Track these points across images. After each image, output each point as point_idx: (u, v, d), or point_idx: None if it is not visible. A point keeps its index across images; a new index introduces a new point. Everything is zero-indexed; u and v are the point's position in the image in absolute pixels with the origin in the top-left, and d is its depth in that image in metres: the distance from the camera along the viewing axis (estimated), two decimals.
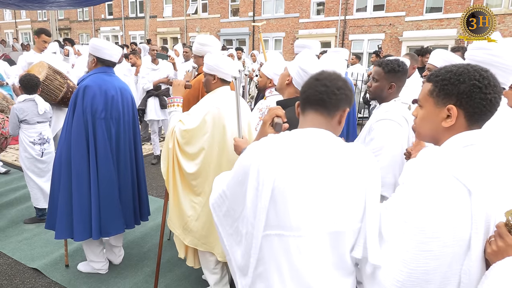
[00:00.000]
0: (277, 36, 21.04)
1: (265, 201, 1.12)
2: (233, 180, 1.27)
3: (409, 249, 1.08)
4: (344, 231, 1.18)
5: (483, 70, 1.15)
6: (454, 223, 1.05)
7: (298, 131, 1.25)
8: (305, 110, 1.32)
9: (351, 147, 1.25)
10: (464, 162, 1.10)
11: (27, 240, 3.56)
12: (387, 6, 17.49)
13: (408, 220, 1.10)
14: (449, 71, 1.19)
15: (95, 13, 29.35)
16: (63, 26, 30.12)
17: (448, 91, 1.17)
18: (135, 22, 26.96)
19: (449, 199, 1.06)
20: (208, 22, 23.65)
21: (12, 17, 34.56)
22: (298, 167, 1.14)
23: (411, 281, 1.08)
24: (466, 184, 1.05)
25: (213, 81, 2.50)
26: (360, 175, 1.19)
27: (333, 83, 1.26)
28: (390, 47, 17.42)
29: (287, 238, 1.14)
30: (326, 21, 19.35)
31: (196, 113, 2.45)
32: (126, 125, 2.92)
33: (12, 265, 3.19)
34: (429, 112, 1.23)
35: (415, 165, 1.21)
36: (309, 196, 1.14)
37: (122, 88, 2.89)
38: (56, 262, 3.20)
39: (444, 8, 16.10)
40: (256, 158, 1.16)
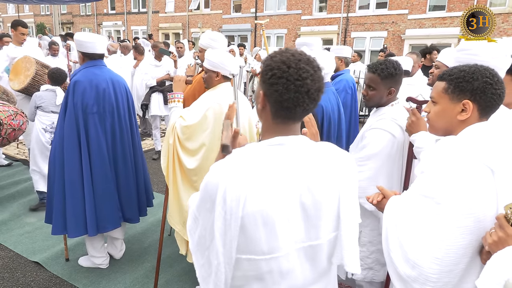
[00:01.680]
0: (279, 33, 20.99)
1: (234, 231, 1.01)
2: (201, 205, 1.11)
3: (445, 227, 1.18)
4: (319, 244, 1.12)
5: (491, 69, 1.32)
6: (483, 200, 1.18)
7: (267, 144, 1.10)
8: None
9: (324, 150, 1.15)
10: (485, 146, 1.23)
11: (28, 234, 3.59)
12: (390, 4, 17.42)
13: (442, 201, 1.20)
14: (462, 70, 1.34)
15: (97, 8, 29.32)
16: (65, 21, 30.10)
17: (463, 87, 1.32)
18: (137, 17, 26.93)
19: (476, 179, 1.19)
20: (210, 18, 23.60)
21: (15, 11, 34.53)
22: (268, 188, 1.02)
23: (449, 256, 1.18)
24: (489, 165, 1.19)
25: (216, 78, 2.50)
26: (334, 181, 1.12)
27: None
28: (392, 45, 17.37)
29: (259, 261, 1.05)
30: (328, 18, 19.29)
31: (197, 109, 2.46)
32: (121, 118, 2.88)
33: (14, 258, 3.22)
34: (444, 108, 1.37)
35: (434, 155, 1.32)
36: (282, 217, 1.04)
37: (115, 80, 2.84)
38: (57, 256, 3.23)
39: (448, 6, 16.03)
40: (221, 185, 1.01)
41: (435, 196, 1.23)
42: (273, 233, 1.03)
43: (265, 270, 1.07)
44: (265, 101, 1.09)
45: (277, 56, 1.06)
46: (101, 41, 2.78)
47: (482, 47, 1.71)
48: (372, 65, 2.18)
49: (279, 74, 1.03)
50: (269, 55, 1.10)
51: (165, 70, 6.10)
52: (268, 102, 1.09)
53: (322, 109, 2.59)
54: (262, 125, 1.18)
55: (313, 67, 1.06)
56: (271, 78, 1.05)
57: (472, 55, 1.70)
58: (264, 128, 1.16)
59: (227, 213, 1.00)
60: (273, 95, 1.06)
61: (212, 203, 1.04)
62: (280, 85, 1.03)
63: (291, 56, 1.05)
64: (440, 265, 1.19)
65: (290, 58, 1.04)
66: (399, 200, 1.41)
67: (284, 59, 1.04)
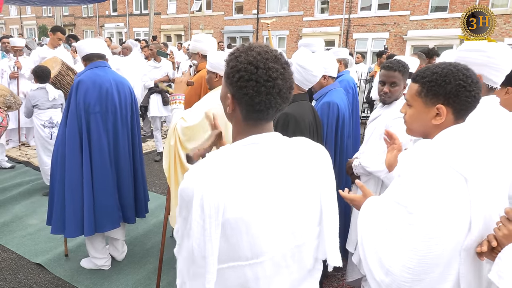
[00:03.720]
0: (281, 34, 21.01)
1: (215, 239, 0.93)
2: (179, 214, 1.04)
3: (418, 237, 1.15)
4: (305, 242, 1.09)
5: (465, 69, 1.26)
6: (456, 209, 1.14)
7: (241, 144, 1.05)
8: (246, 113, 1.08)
9: (299, 146, 1.11)
10: (458, 152, 1.19)
11: (30, 235, 3.59)
12: (392, 5, 17.42)
13: (414, 211, 1.16)
14: (434, 72, 1.28)
15: (99, 10, 29.41)
16: (67, 23, 30.19)
17: (436, 91, 1.27)
18: (139, 19, 27.00)
19: (448, 188, 1.15)
20: (212, 20, 23.64)
21: (17, 13, 34.70)
22: (248, 190, 0.97)
23: (421, 266, 1.15)
24: (462, 172, 1.15)
25: (215, 79, 2.54)
26: (314, 176, 1.09)
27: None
28: (394, 46, 17.35)
29: (243, 267, 0.99)
30: (330, 20, 19.30)
31: (198, 110, 2.46)
32: (123, 119, 2.90)
33: (16, 260, 3.21)
34: (418, 111, 1.33)
35: (410, 158, 1.29)
36: (265, 219, 0.98)
37: (118, 81, 2.87)
38: (60, 258, 3.23)
39: (449, 7, 16.02)
40: (197, 191, 0.93)
41: (407, 205, 1.19)
42: (255, 236, 0.97)
43: (250, 278, 1.00)
44: (234, 104, 1.04)
45: (242, 56, 0.99)
46: (92, 41, 2.83)
47: (498, 49, 1.69)
48: (391, 64, 2.36)
49: (247, 76, 0.97)
50: (233, 55, 1.02)
51: (164, 72, 6.13)
52: (238, 105, 1.04)
53: (337, 107, 2.60)
54: (232, 128, 1.12)
55: (281, 64, 1.00)
56: (239, 81, 0.98)
57: (488, 57, 1.67)
58: (235, 131, 1.10)
59: (206, 221, 0.92)
60: (243, 99, 1.00)
61: (188, 211, 0.97)
62: (250, 88, 0.97)
63: (257, 55, 0.98)
64: (412, 274, 1.16)
65: (257, 58, 0.97)
66: (375, 203, 1.37)
67: (251, 59, 0.97)
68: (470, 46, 1.73)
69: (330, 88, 2.76)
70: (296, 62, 2.23)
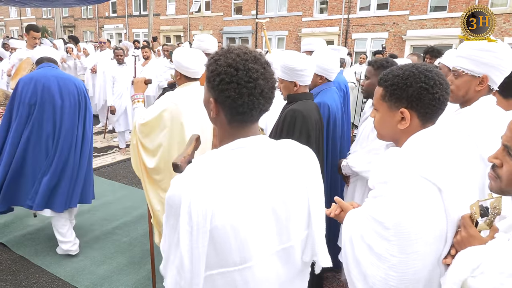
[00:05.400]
0: (280, 35, 21.02)
1: (202, 246, 0.92)
2: (166, 222, 1.03)
3: (395, 254, 1.11)
4: (291, 246, 1.08)
5: (428, 71, 1.21)
6: (431, 222, 1.11)
7: (227, 148, 1.04)
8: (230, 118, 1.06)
9: (285, 148, 1.11)
10: (430, 162, 1.14)
11: (31, 235, 3.60)
12: (391, 5, 17.43)
13: (390, 227, 1.12)
14: (396, 75, 1.24)
15: (99, 11, 29.43)
16: (67, 24, 30.22)
17: (398, 95, 1.23)
18: (138, 20, 27.02)
19: (423, 200, 1.10)
20: (211, 20, 23.66)
21: (17, 14, 34.72)
22: (235, 195, 0.96)
23: (403, 283, 1.11)
24: (435, 182, 1.11)
25: (177, 78, 2.54)
26: (300, 179, 1.08)
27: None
28: (393, 46, 17.36)
29: (232, 273, 0.99)
30: (329, 20, 19.31)
31: (155, 108, 2.48)
32: (66, 110, 3.20)
33: (16, 260, 3.22)
34: (384, 116, 1.30)
35: (382, 168, 1.23)
36: (253, 224, 0.98)
37: (60, 78, 3.20)
38: (60, 258, 3.24)
39: (449, 7, 16.03)
40: (185, 198, 0.93)
41: (383, 221, 1.13)
42: (244, 241, 0.97)
43: (239, 283, 1.00)
44: (217, 108, 1.03)
45: (221, 59, 0.99)
46: (42, 49, 3.37)
47: (506, 50, 1.68)
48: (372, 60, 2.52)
49: (228, 79, 0.96)
50: (212, 58, 1.02)
51: None
52: (221, 109, 1.03)
53: (328, 108, 2.59)
54: (218, 132, 1.11)
55: (261, 64, 1.00)
56: (220, 84, 0.97)
57: (497, 58, 1.67)
58: (221, 134, 1.09)
59: (194, 228, 0.91)
60: (226, 102, 1.00)
61: (176, 219, 0.95)
62: (231, 91, 0.97)
63: (236, 57, 0.98)
64: None
65: (236, 60, 0.97)
66: (355, 217, 1.30)
67: (230, 62, 0.97)
68: (481, 45, 1.70)
69: (323, 88, 2.75)
70: (284, 63, 2.30)
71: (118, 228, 3.81)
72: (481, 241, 1.06)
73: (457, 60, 1.79)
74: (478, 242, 1.06)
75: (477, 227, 1.10)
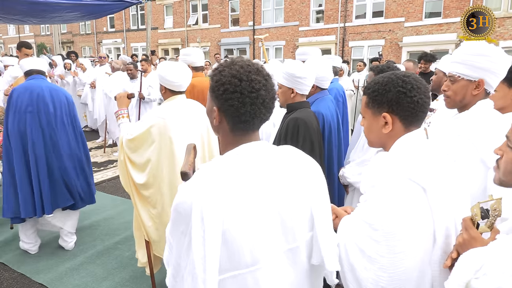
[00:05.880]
0: (277, 45, 21.18)
1: (216, 248, 0.95)
2: (174, 229, 1.04)
3: (384, 254, 1.14)
4: (297, 246, 1.11)
5: (405, 76, 1.28)
6: (418, 221, 1.14)
7: (232, 154, 1.09)
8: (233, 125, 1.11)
9: (288, 154, 1.16)
10: (414, 163, 1.19)
11: (32, 253, 3.56)
12: (386, 12, 17.60)
13: (378, 228, 1.16)
14: (377, 82, 1.32)
15: (97, 26, 29.71)
16: (66, 40, 30.48)
17: (379, 101, 1.30)
18: (136, 34, 27.26)
19: (409, 200, 1.15)
20: (209, 33, 23.86)
21: (15, 31, 35.04)
22: (244, 199, 1.00)
23: (393, 283, 1.15)
24: (420, 183, 1.15)
25: (162, 92, 2.55)
26: (303, 183, 1.13)
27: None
28: (390, 52, 17.48)
29: (244, 275, 1.01)
30: (325, 29, 19.48)
31: (142, 123, 2.48)
32: (59, 119, 3.41)
33: (18, 279, 3.19)
34: (370, 122, 1.37)
35: (371, 173, 1.29)
36: (261, 226, 1.02)
37: (52, 89, 3.41)
38: (61, 276, 3.20)
39: (443, 13, 16.18)
40: (197, 202, 0.95)
41: (372, 223, 1.18)
42: (254, 243, 1.00)
43: (251, 285, 1.02)
44: (220, 117, 1.08)
45: (225, 70, 1.05)
46: (32, 60, 3.47)
47: (500, 54, 1.69)
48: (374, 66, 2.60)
49: (231, 88, 1.02)
50: (217, 70, 1.08)
51: None
52: (224, 117, 1.08)
53: (322, 117, 2.59)
54: (221, 140, 1.16)
55: (263, 76, 1.06)
56: (224, 93, 1.03)
57: (492, 62, 1.68)
58: (224, 142, 1.14)
59: (206, 232, 0.94)
60: (229, 110, 1.05)
61: (187, 225, 0.97)
62: (235, 100, 1.02)
63: (240, 68, 1.04)
64: None
65: (240, 71, 1.03)
66: (348, 223, 1.33)
67: (234, 73, 1.03)
68: (475, 50, 1.72)
69: (317, 97, 2.75)
70: (286, 70, 2.34)
71: (120, 243, 3.78)
72: (483, 243, 1.06)
73: (453, 66, 1.80)
74: (480, 244, 1.06)
75: (478, 229, 1.10)
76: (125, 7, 8.02)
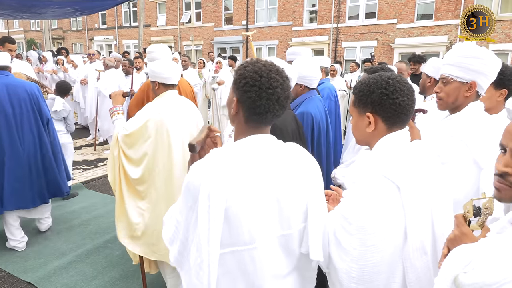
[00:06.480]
0: (270, 44, 21.19)
1: (219, 223, 1.08)
2: (183, 206, 1.17)
3: (356, 247, 1.21)
4: (291, 233, 1.22)
5: (390, 78, 1.31)
6: (389, 217, 1.19)
7: (242, 142, 1.21)
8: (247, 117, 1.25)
9: (291, 150, 1.28)
10: (391, 162, 1.24)
11: (19, 252, 3.52)
12: (379, 14, 17.71)
13: (352, 221, 1.22)
14: (363, 83, 1.37)
15: (88, 23, 29.38)
16: (56, 36, 30.09)
17: (364, 101, 1.34)
18: (128, 31, 27.02)
19: (382, 197, 1.20)
20: (202, 31, 23.77)
21: (4, 27, 34.48)
22: (247, 182, 1.13)
23: (364, 275, 1.20)
24: (394, 181, 1.20)
25: (156, 87, 2.61)
26: (301, 177, 1.24)
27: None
28: (382, 54, 17.60)
29: (242, 252, 1.14)
30: (319, 29, 19.53)
31: (138, 118, 2.51)
32: (18, 116, 3.36)
33: (5, 278, 3.14)
34: (356, 121, 1.41)
35: (353, 171, 1.36)
36: (260, 208, 1.14)
37: (10, 85, 3.34)
38: (50, 275, 3.16)
39: (435, 15, 16.34)
40: (205, 181, 1.09)
41: (348, 216, 1.23)
42: (252, 223, 1.12)
43: (247, 262, 1.14)
44: (238, 107, 1.20)
45: (249, 66, 1.18)
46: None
47: (492, 57, 1.72)
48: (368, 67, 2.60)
49: (251, 82, 1.14)
50: (242, 65, 1.21)
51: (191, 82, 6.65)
52: (241, 108, 1.20)
53: (311, 117, 2.60)
54: (235, 129, 1.28)
55: (282, 77, 1.18)
56: (245, 86, 1.16)
57: (484, 65, 1.71)
58: (237, 131, 1.27)
59: (211, 207, 1.06)
60: (246, 102, 1.17)
61: (195, 201, 1.10)
62: (253, 93, 1.15)
63: (262, 66, 1.17)
64: (357, 283, 1.22)
65: (261, 68, 1.16)
66: (330, 216, 1.37)
67: (256, 69, 1.16)
68: (468, 52, 1.74)
69: (306, 97, 2.73)
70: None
71: (110, 242, 3.75)
72: (473, 240, 1.08)
73: (445, 68, 1.82)
74: (470, 241, 1.08)
75: (469, 226, 1.13)
76: (117, 4, 7.94)
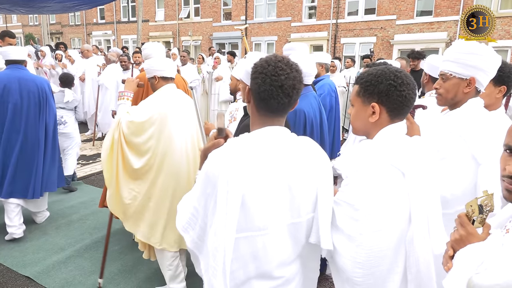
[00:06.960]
0: (269, 40, 21.13)
1: (236, 208, 1.15)
2: (202, 193, 1.25)
3: (362, 232, 1.25)
4: (300, 222, 1.28)
5: (398, 71, 1.36)
6: (395, 202, 1.25)
7: (257, 133, 1.28)
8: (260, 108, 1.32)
9: (303, 143, 1.34)
10: (396, 150, 1.30)
11: (19, 247, 3.52)
12: (378, 10, 17.66)
13: (359, 207, 1.26)
14: (370, 74, 1.40)
15: (87, 18, 29.22)
16: (54, 31, 29.93)
17: (370, 91, 1.37)
18: (127, 26, 26.89)
19: (388, 183, 1.26)
20: (201, 26, 23.67)
21: (3, 21, 34.25)
22: (262, 171, 1.20)
23: (369, 260, 1.24)
24: (400, 168, 1.26)
25: (155, 82, 2.68)
26: (313, 169, 1.29)
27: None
28: (381, 50, 17.57)
29: (255, 237, 1.21)
30: (318, 25, 19.48)
31: (144, 109, 2.54)
32: (25, 108, 3.54)
33: (4, 272, 3.15)
34: (358, 110, 1.44)
35: (353, 159, 1.39)
36: (274, 196, 1.21)
37: (22, 78, 3.54)
38: (49, 269, 3.17)
39: (435, 11, 16.30)
40: (224, 169, 1.16)
41: (354, 203, 1.27)
42: (266, 209, 1.20)
43: (259, 247, 1.21)
44: (249, 95, 1.29)
45: (264, 58, 1.28)
46: (13, 49, 3.60)
47: (491, 53, 1.72)
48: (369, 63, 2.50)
49: (260, 70, 1.24)
50: (259, 58, 1.29)
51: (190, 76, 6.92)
52: (251, 95, 1.29)
53: (304, 114, 2.61)
54: (250, 119, 1.36)
55: (290, 67, 1.25)
56: (254, 73, 1.26)
57: (484, 61, 1.71)
58: (252, 121, 1.34)
59: (229, 192, 1.14)
60: (253, 87, 1.27)
61: (213, 188, 1.18)
62: (259, 79, 1.23)
63: (273, 57, 1.26)
64: (363, 268, 1.25)
65: (272, 59, 1.25)
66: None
67: (267, 59, 1.26)
68: (467, 49, 1.75)
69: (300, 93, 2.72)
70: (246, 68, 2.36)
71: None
72: (479, 239, 1.08)
73: (445, 64, 1.82)
74: (477, 240, 1.08)
75: (473, 225, 1.11)
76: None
